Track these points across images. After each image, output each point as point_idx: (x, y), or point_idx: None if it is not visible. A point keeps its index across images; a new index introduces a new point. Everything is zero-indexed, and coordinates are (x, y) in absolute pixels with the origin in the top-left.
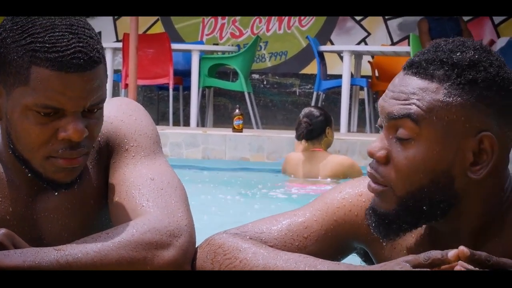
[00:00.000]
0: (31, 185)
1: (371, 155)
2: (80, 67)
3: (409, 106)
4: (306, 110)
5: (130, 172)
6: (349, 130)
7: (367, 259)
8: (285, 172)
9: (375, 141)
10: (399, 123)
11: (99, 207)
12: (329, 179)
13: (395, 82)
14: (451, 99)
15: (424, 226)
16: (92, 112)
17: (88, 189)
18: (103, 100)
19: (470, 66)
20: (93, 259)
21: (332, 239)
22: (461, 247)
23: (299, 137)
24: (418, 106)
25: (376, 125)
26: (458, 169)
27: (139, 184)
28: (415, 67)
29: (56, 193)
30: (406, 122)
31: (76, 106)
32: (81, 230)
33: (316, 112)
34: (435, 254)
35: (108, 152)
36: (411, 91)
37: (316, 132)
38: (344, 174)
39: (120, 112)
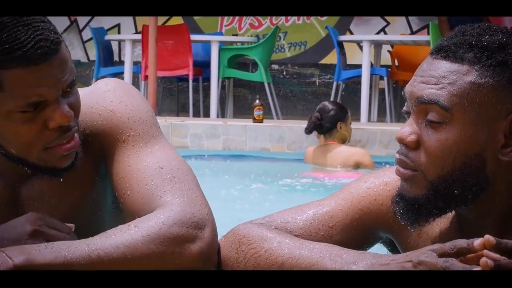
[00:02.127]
0: (15, 173)
1: (401, 140)
2: (47, 54)
3: (440, 92)
4: (321, 104)
5: (135, 162)
6: (369, 120)
7: (393, 248)
8: None
9: (404, 126)
10: (429, 107)
11: (84, 198)
12: (349, 168)
13: (423, 67)
14: (482, 80)
15: (450, 213)
16: (69, 91)
17: (73, 180)
18: (75, 74)
19: (499, 48)
20: (124, 253)
21: (358, 228)
22: (487, 236)
23: (305, 131)
24: (449, 91)
25: (402, 111)
26: (489, 151)
27: (149, 175)
28: (444, 51)
29: (40, 181)
30: (437, 107)
31: (56, 92)
32: (64, 219)
33: (329, 106)
34: (461, 243)
35: (101, 145)
36: (441, 75)
37: (326, 127)
38: (356, 164)
39: (108, 101)
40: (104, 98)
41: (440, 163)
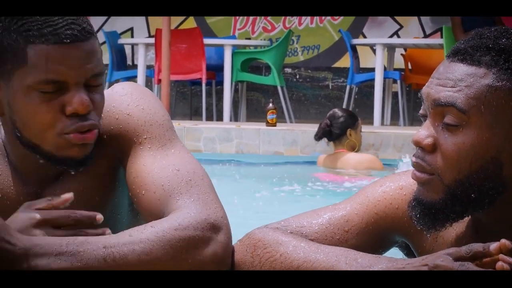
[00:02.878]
0: (39, 177)
1: (417, 143)
2: (75, 37)
3: (457, 95)
4: (331, 111)
5: (150, 163)
6: (382, 123)
7: (409, 252)
8: None
9: (420, 129)
10: (446, 110)
11: (105, 203)
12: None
13: (440, 70)
14: (499, 84)
15: (467, 218)
16: (93, 86)
17: (95, 185)
18: (102, 73)
19: None
20: (139, 256)
21: (373, 232)
22: (503, 240)
23: (314, 137)
24: (466, 94)
25: (418, 114)
26: (506, 155)
27: (166, 176)
28: (461, 54)
29: (63, 187)
30: (454, 109)
31: (77, 76)
32: None
33: (338, 113)
34: (477, 247)
35: (118, 148)
36: (458, 78)
37: (335, 133)
38: (366, 170)
39: (125, 105)
40: (121, 102)
41: (456, 167)
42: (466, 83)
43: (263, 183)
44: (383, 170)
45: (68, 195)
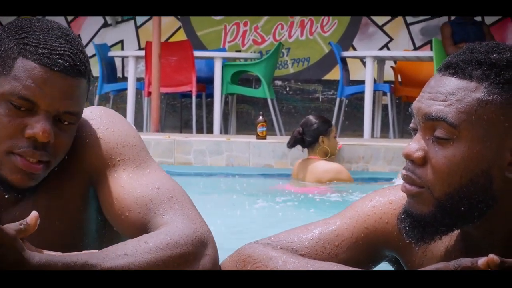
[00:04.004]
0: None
1: (408, 156)
2: (64, 68)
3: (447, 109)
4: (305, 118)
5: (128, 183)
6: (372, 136)
7: (399, 267)
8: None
9: (411, 143)
10: (437, 124)
11: (68, 228)
12: (328, 183)
13: (431, 84)
14: (491, 97)
15: (456, 232)
16: (63, 123)
17: (58, 209)
18: (77, 113)
19: (508, 66)
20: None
21: (363, 247)
22: (491, 255)
23: (287, 145)
24: (456, 108)
25: (409, 128)
26: (496, 169)
27: (147, 195)
28: (452, 68)
29: (23, 209)
30: (444, 124)
31: (50, 105)
32: (47, 248)
33: (312, 120)
34: (465, 261)
35: (88, 174)
36: (449, 91)
37: (308, 141)
38: (330, 181)
39: (95, 128)
40: (91, 126)
41: (447, 180)
42: (457, 97)
43: (252, 196)
44: (350, 181)
45: (33, 215)
